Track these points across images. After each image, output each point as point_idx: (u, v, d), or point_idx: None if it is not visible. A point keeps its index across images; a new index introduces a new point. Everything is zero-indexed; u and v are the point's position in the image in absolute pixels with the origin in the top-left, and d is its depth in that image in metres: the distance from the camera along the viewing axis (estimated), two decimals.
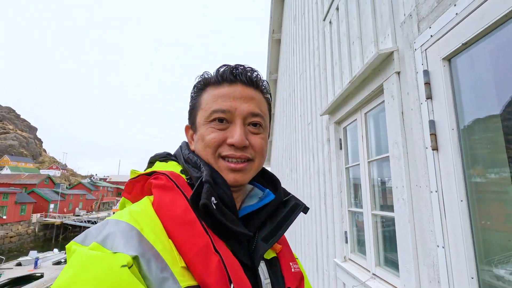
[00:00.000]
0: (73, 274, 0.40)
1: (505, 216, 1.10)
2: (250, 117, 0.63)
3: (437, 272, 1.27)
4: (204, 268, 0.48)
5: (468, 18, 1.11)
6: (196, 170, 0.61)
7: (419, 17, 1.44)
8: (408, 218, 1.50)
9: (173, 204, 0.54)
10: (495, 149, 1.11)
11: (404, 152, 1.57)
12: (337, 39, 2.73)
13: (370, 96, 2.03)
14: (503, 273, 1.12)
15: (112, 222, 0.51)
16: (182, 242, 0.50)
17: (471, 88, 1.18)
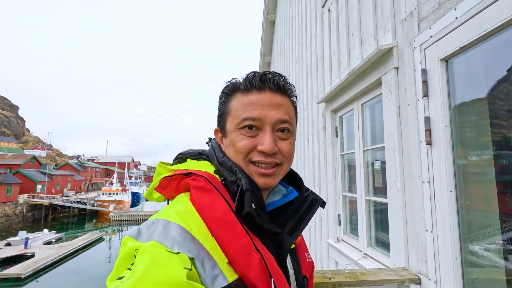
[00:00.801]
0: (145, 269, 0.43)
1: (485, 201, 1.25)
2: (278, 124, 0.65)
3: (424, 253, 1.43)
4: (247, 265, 0.53)
5: (467, 23, 1.19)
6: (231, 174, 0.64)
7: (420, 16, 1.50)
8: (400, 204, 1.65)
9: (214, 206, 0.58)
10: (483, 148, 1.23)
11: (399, 144, 1.68)
12: (336, 28, 2.76)
13: (368, 88, 2.12)
14: (482, 251, 1.28)
15: (163, 222, 0.54)
16: (225, 241, 0.54)
17: (465, 89, 1.28)
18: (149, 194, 0.73)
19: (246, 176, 0.63)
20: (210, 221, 0.57)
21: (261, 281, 0.53)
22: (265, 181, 0.64)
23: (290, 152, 0.68)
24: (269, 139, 0.63)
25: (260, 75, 0.67)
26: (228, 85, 0.70)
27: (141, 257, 0.46)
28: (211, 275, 0.50)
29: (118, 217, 32.85)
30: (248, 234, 0.56)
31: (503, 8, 1.02)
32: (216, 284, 0.50)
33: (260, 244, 0.57)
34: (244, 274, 0.52)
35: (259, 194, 0.62)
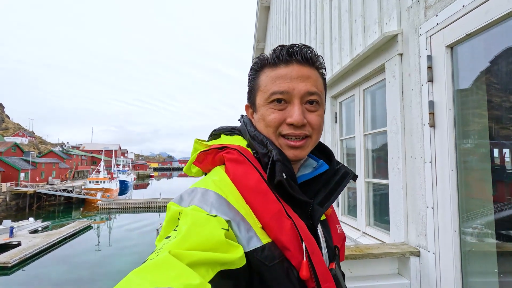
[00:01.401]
0: (188, 229, 0.47)
1: (481, 180, 1.36)
2: (307, 96, 0.66)
3: (424, 227, 1.55)
4: (279, 229, 0.56)
5: (474, 11, 1.26)
6: (262, 147, 0.67)
7: (427, 4, 1.56)
8: (401, 184, 1.75)
9: (247, 176, 0.62)
10: (482, 129, 1.33)
11: (401, 127, 1.77)
12: (337, 14, 2.79)
13: (370, 74, 2.19)
14: (477, 225, 1.40)
15: (201, 190, 0.58)
16: (259, 208, 0.58)
17: (469, 74, 1.36)
18: (188, 169, 0.77)
19: (277, 148, 0.65)
20: (244, 190, 0.60)
21: (293, 245, 0.56)
22: (294, 153, 0.66)
23: (319, 124, 0.68)
24: (298, 111, 0.64)
25: (287, 48, 0.67)
26: (257, 61, 0.71)
27: (184, 219, 0.50)
28: (246, 236, 0.54)
29: (106, 205, 32.47)
30: (280, 201, 0.59)
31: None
32: (251, 245, 0.53)
33: (291, 212, 0.60)
34: (277, 238, 0.56)
35: (289, 165, 0.64)
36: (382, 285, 1.55)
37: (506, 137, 1.33)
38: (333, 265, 0.69)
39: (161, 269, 0.39)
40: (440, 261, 1.43)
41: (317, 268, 0.56)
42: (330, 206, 0.74)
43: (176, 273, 0.38)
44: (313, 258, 0.56)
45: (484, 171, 1.38)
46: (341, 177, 0.73)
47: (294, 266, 0.56)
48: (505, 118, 1.29)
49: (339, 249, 0.75)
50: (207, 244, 0.45)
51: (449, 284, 1.38)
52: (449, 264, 1.38)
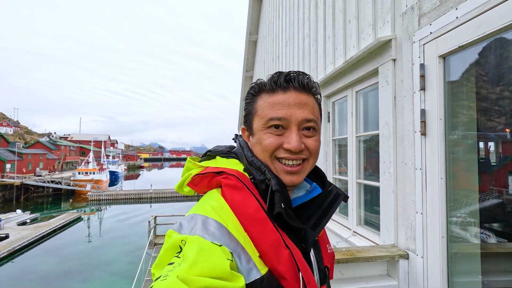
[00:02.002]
0: (196, 256, 0.48)
1: (469, 188, 1.41)
2: (304, 123, 0.67)
3: (413, 232, 1.60)
4: (277, 259, 0.57)
5: (467, 23, 1.27)
6: (260, 174, 0.67)
7: (421, 11, 1.57)
8: (392, 188, 1.80)
9: (245, 204, 0.62)
10: (470, 139, 1.37)
11: (393, 132, 1.80)
12: (331, 13, 2.77)
13: (364, 77, 2.20)
14: (464, 231, 1.46)
15: (201, 218, 0.58)
16: (257, 236, 0.59)
17: (460, 85, 1.39)
18: (180, 187, 0.77)
19: (275, 176, 0.66)
20: (242, 218, 0.60)
21: (289, 274, 0.57)
22: (291, 178, 0.67)
23: (316, 148, 0.70)
24: (296, 137, 0.65)
25: (285, 75, 0.68)
26: (254, 86, 0.73)
27: (190, 246, 0.50)
28: (247, 267, 0.54)
29: (96, 196, 32.13)
30: (278, 230, 0.60)
31: (503, 13, 1.11)
32: (251, 276, 0.54)
33: (288, 240, 0.61)
34: (274, 267, 0.57)
35: (286, 194, 0.65)
36: (372, 287, 1.60)
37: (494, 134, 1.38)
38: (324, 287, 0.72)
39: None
40: (428, 264, 1.49)
41: None
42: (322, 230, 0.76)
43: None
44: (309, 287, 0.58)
45: (473, 178, 1.43)
46: (332, 199, 0.74)
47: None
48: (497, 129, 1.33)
49: (329, 269, 0.76)
50: (214, 272, 0.46)
51: (436, 285, 1.44)
52: (436, 267, 1.44)
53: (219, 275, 0.46)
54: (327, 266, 0.76)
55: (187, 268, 0.45)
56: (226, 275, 0.47)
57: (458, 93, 1.41)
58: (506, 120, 1.36)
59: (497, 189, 1.54)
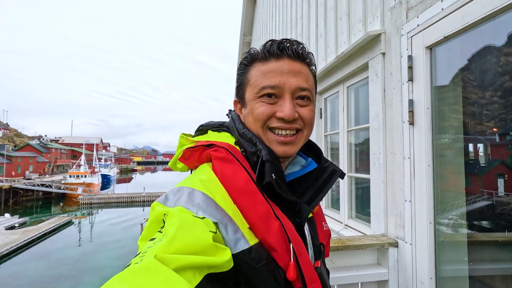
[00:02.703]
0: (175, 232, 0.45)
1: (455, 173, 1.45)
2: (298, 92, 0.65)
3: (402, 220, 1.63)
4: (267, 230, 0.56)
5: (451, 15, 1.32)
6: (251, 146, 0.65)
7: (408, 5, 1.62)
8: (382, 179, 1.83)
9: (235, 176, 0.60)
10: (456, 127, 1.41)
11: (383, 124, 1.84)
12: (323, 11, 2.83)
13: (354, 72, 2.24)
14: (450, 217, 1.49)
15: (188, 190, 0.57)
16: (246, 209, 0.57)
17: (445, 75, 1.43)
18: (173, 164, 0.75)
19: (266, 147, 0.64)
20: (231, 190, 0.59)
21: (280, 246, 0.55)
22: (284, 149, 0.65)
23: (310, 118, 0.67)
24: (289, 105, 0.63)
25: (278, 42, 0.66)
26: (247, 56, 0.70)
27: (171, 221, 0.48)
28: (234, 238, 0.53)
29: (87, 200, 31.62)
30: (268, 202, 0.59)
31: (485, 3, 1.15)
32: (238, 246, 0.53)
33: (279, 212, 0.59)
34: (264, 239, 0.55)
35: (278, 165, 0.63)
36: (363, 274, 1.62)
37: (480, 132, 1.42)
38: (318, 263, 0.69)
39: (146, 274, 0.37)
40: (416, 251, 1.52)
41: (304, 269, 0.56)
42: (317, 205, 0.74)
43: (162, 279, 0.37)
44: (300, 259, 0.56)
45: (458, 165, 1.47)
46: (328, 175, 0.72)
47: (281, 267, 0.55)
48: (480, 117, 1.37)
49: (324, 246, 0.75)
50: (194, 247, 0.44)
51: (424, 272, 1.47)
52: (424, 254, 1.47)
53: (200, 250, 0.45)
54: (323, 243, 0.74)
55: (165, 246, 0.43)
56: (208, 249, 0.46)
57: (445, 83, 1.46)
58: (486, 107, 1.41)
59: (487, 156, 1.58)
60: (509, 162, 1.31)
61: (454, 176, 1.46)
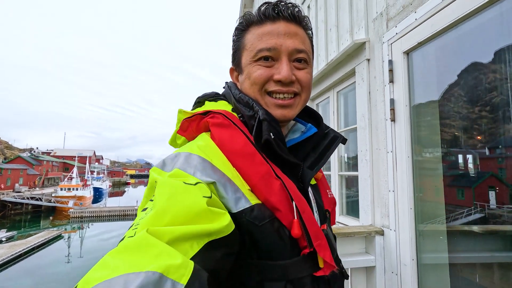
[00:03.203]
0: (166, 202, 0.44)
1: (433, 166, 1.60)
2: (295, 54, 0.63)
3: (387, 209, 1.77)
4: (268, 190, 0.55)
5: (423, 23, 1.52)
6: (248, 109, 0.64)
7: (388, 16, 1.83)
8: (369, 173, 1.98)
9: (233, 140, 0.59)
10: (432, 121, 1.58)
11: (369, 123, 2.01)
12: (314, 23, 3.06)
13: (343, 77, 2.44)
14: (428, 203, 1.64)
15: (185, 154, 0.56)
16: (246, 170, 0.56)
17: (421, 76, 1.62)
18: (173, 140, 0.73)
19: (263, 108, 0.63)
20: (230, 154, 0.58)
21: (283, 205, 0.55)
22: (282, 112, 0.64)
23: (308, 81, 0.66)
24: (286, 67, 0.62)
25: (273, 5, 0.65)
26: (242, 21, 0.68)
27: (160, 190, 0.47)
28: (234, 197, 0.53)
29: (78, 213, 30.98)
30: (268, 163, 0.58)
31: (448, 13, 1.35)
32: (239, 205, 0.52)
33: (280, 172, 0.58)
34: (267, 199, 0.55)
35: (276, 126, 0.61)
36: (352, 261, 1.74)
37: (452, 126, 1.60)
38: (324, 226, 0.67)
39: (139, 250, 0.36)
40: (400, 236, 1.65)
41: (309, 226, 0.55)
42: (320, 170, 0.74)
43: (155, 253, 0.35)
44: (304, 216, 0.55)
45: (435, 158, 1.63)
46: (330, 141, 0.71)
47: (285, 226, 0.55)
48: (453, 112, 1.55)
49: (330, 213, 0.74)
50: (187, 216, 0.42)
51: (406, 255, 1.60)
52: (406, 237, 1.60)
53: (195, 218, 0.43)
54: (328, 210, 0.73)
55: (156, 217, 0.42)
56: (203, 215, 0.44)
57: (419, 83, 1.64)
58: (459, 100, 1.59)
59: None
60: (499, 175, 1.33)
61: (431, 165, 1.62)
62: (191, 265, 0.36)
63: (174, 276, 0.33)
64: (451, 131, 1.55)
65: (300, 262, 0.55)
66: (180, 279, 0.33)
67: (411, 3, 1.61)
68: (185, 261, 0.36)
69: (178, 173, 0.52)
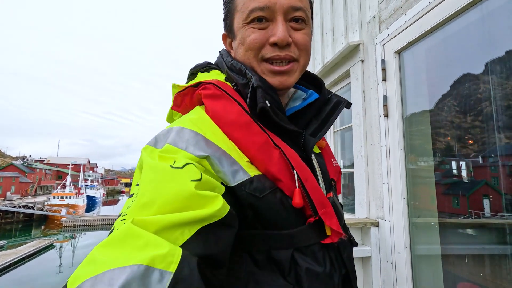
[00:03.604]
0: (151, 190, 0.41)
1: (424, 155, 1.69)
2: (291, 12, 0.58)
3: (381, 201, 1.85)
4: (268, 161, 0.52)
5: (412, 25, 1.63)
6: (242, 77, 0.60)
7: (381, 19, 1.95)
8: (364, 168, 2.06)
9: (227, 110, 0.56)
10: (422, 114, 1.68)
11: (363, 120, 2.11)
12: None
13: (339, 79, 2.55)
14: (419, 194, 1.72)
15: (176, 128, 0.53)
16: (243, 142, 0.53)
17: (411, 74, 1.73)
18: (170, 117, 0.70)
19: (257, 74, 0.59)
20: (225, 126, 0.55)
21: (283, 174, 0.52)
22: (280, 79, 0.59)
23: (306, 43, 0.60)
24: (282, 28, 0.57)
25: None
26: None
27: (146, 177, 0.44)
28: (231, 170, 0.50)
29: (71, 222, 30.43)
30: (266, 132, 0.55)
31: (435, 14, 1.47)
32: (237, 178, 0.50)
33: (279, 141, 0.55)
34: (267, 170, 0.52)
35: (273, 94, 0.57)
36: None
37: (441, 122, 1.70)
38: (330, 194, 0.64)
39: (125, 242, 0.34)
40: (394, 225, 1.73)
41: (312, 195, 0.52)
42: (323, 138, 0.72)
43: (141, 244, 0.34)
44: (306, 185, 0.52)
45: (427, 150, 1.72)
46: (333, 106, 0.67)
47: (288, 195, 0.52)
48: (442, 110, 1.65)
49: (335, 182, 0.70)
50: (175, 203, 0.40)
51: (400, 243, 1.67)
52: (400, 226, 1.68)
53: (183, 205, 0.40)
54: (333, 179, 0.69)
55: (143, 207, 0.40)
56: (192, 201, 0.41)
57: (410, 80, 1.75)
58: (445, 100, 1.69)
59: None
60: (492, 183, 1.34)
61: (422, 158, 1.71)
62: (178, 252, 0.35)
63: (161, 265, 0.32)
64: (445, 140, 1.65)
65: (307, 231, 0.53)
66: (168, 267, 0.33)
67: (401, 7, 1.74)
68: (172, 249, 0.35)
69: (170, 149, 0.49)
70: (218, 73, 0.66)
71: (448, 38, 1.50)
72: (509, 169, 1.26)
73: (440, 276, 1.61)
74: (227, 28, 0.66)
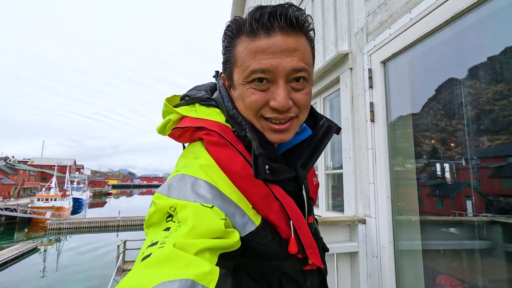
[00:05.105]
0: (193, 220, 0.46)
1: (406, 158, 1.84)
2: (293, 74, 0.57)
3: (368, 200, 1.98)
4: (268, 210, 0.59)
5: (396, 38, 1.78)
6: (241, 130, 0.62)
7: (368, 31, 2.10)
8: (352, 169, 2.20)
9: (231, 161, 0.59)
10: (405, 120, 1.83)
11: (351, 125, 2.25)
12: None
13: (329, 85, 2.69)
14: (402, 194, 1.86)
15: (190, 179, 0.55)
16: (247, 191, 0.59)
17: (395, 82, 1.88)
18: (162, 129, 0.72)
19: (257, 136, 0.60)
20: (231, 175, 0.59)
21: (281, 222, 0.60)
22: (279, 136, 0.62)
23: (306, 103, 0.62)
24: (283, 94, 0.57)
25: (269, 12, 0.56)
26: (230, 25, 0.61)
27: (184, 212, 0.49)
28: (242, 223, 0.55)
29: (56, 225, 29.65)
30: (267, 185, 0.59)
31: (416, 29, 1.62)
32: (246, 229, 0.55)
33: (279, 191, 0.60)
34: (267, 216, 0.59)
35: (272, 151, 0.61)
36: (338, 246, 1.93)
37: (424, 125, 1.85)
38: (311, 219, 0.71)
39: (169, 262, 0.38)
40: (379, 222, 1.86)
41: (303, 240, 0.60)
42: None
43: (185, 263, 0.38)
44: (300, 233, 0.60)
45: (409, 152, 1.87)
46: (323, 132, 0.69)
47: (284, 238, 0.60)
48: (424, 116, 1.80)
49: (313, 199, 0.76)
50: (210, 233, 0.46)
51: (385, 238, 1.80)
52: (385, 222, 1.82)
53: (215, 236, 0.47)
54: (312, 198, 0.75)
55: (185, 234, 0.44)
56: (222, 234, 0.48)
57: (394, 88, 1.90)
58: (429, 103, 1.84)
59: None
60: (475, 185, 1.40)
61: (405, 160, 1.86)
62: (217, 271, 0.39)
63: (204, 281, 0.36)
64: (426, 143, 1.80)
65: (293, 262, 0.62)
66: (209, 284, 0.37)
67: (386, 21, 1.89)
68: (213, 268, 0.39)
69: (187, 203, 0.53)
70: (218, 112, 0.67)
71: (428, 50, 1.65)
72: (491, 171, 1.34)
73: (421, 269, 1.75)
74: (226, 75, 0.66)
